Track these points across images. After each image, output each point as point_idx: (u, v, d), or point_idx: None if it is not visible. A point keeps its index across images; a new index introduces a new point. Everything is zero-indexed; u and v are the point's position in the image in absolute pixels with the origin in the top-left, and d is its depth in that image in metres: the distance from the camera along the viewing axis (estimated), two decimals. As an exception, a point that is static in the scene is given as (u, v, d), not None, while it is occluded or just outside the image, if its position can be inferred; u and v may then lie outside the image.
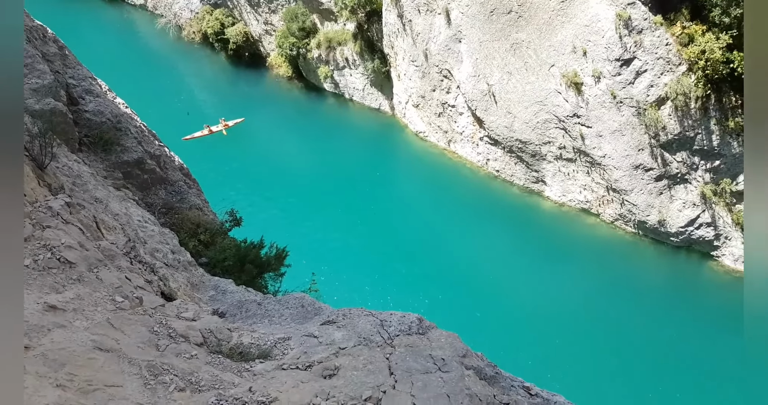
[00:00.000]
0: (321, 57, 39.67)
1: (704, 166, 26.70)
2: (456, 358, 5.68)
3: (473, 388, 5.24)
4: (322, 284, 20.59)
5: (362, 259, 27.68)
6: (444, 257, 27.86)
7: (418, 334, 6.18)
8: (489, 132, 32.44)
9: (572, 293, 26.39)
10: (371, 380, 5.37)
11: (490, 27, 30.04)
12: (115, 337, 5.18)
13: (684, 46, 25.17)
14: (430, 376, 5.48)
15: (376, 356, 5.79)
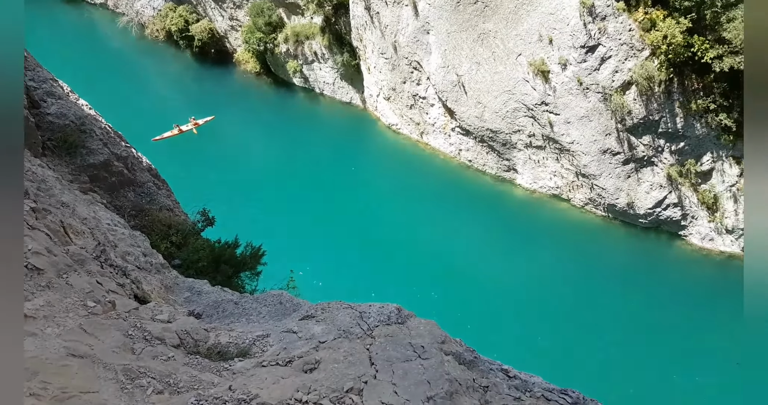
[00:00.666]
0: (289, 51, 39.27)
1: (669, 148, 27.38)
2: (435, 345, 5.74)
3: (453, 373, 5.31)
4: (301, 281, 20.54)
5: (341, 253, 27.69)
6: (421, 247, 28.09)
7: (397, 323, 6.22)
8: (460, 122, 32.65)
9: (547, 277, 26.94)
10: (352, 371, 5.40)
11: (457, 17, 30.15)
12: (88, 342, 5.09)
13: (646, 31, 25.65)
14: (410, 363, 5.54)
15: (356, 348, 5.81)
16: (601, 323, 24.39)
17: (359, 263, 27.05)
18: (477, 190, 32.04)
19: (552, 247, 28.26)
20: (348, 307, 6.61)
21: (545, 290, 26.17)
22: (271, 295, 7.96)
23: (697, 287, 26.34)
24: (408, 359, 5.65)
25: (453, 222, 29.84)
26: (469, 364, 5.82)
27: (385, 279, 26.00)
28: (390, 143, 36.09)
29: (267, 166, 34.02)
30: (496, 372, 6.17)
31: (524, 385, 5.99)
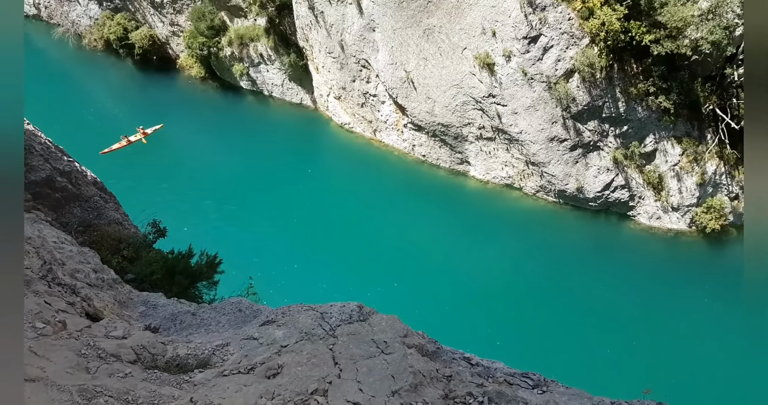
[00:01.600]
0: (234, 55, 38.60)
1: (614, 132, 28.41)
2: (397, 339, 5.80)
3: (416, 365, 5.38)
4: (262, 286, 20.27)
5: (302, 256, 27.47)
6: (381, 244, 28.21)
7: (359, 321, 6.25)
8: (412, 118, 32.89)
9: (504, 264, 27.61)
10: (316, 373, 5.40)
11: (401, 14, 30.32)
12: (39, 365, 4.90)
13: (585, 19, 26.44)
14: (374, 360, 5.58)
15: (319, 349, 5.82)
16: (559, 305, 25.18)
17: (321, 264, 26.93)
18: (432, 184, 32.41)
19: (507, 235, 28.95)
20: (309, 309, 6.59)
21: (504, 277, 26.81)
22: (230, 303, 7.84)
23: (648, 264, 27.52)
24: (371, 356, 5.70)
25: (411, 217, 30.09)
26: (432, 355, 5.92)
27: (348, 278, 25.99)
28: (344, 143, 36.02)
29: (220, 172, 33.35)
30: (458, 361, 6.29)
31: (486, 371, 6.13)
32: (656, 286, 26.01)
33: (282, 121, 37.93)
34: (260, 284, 22.03)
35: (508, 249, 28.31)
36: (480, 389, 5.19)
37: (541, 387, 5.68)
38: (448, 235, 29.21)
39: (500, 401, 4.93)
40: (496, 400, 4.94)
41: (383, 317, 6.32)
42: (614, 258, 27.71)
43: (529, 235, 28.88)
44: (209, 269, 11.47)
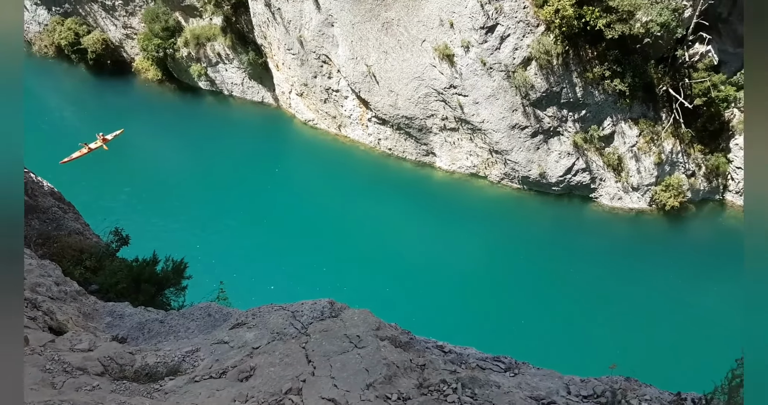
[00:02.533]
0: (191, 55, 37.82)
1: (572, 117, 28.99)
2: (370, 332, 5.82)
3: (389, 356, 5.42)
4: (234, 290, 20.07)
5: (273, 257, 27.22)
6: (352, 239, 28.19)
7: (331, 317, 6.24)
8: (376, 112, 32.87)
9: (473, 252, 28.00)
10: (290, 372, 5.38)
11: (359, 8, 30.19)
12: (0, 385, 4.73)
13: (539, 7, 26.81)
14: (347, 355, 5.59)
15: (291, 348, 5.79)
16: (528, 289, 25.69)
17: (294, 263, 26.74)
18: (400, 177, 32.53)
19: (475, 223, 29.35)
20: (280, 309, 6.55)
21: (473, 264, 27.18)
22: (198, 308, 7.73)
23: (612, 244, 28.30)
24: (345, 351, 5.70)
25: (380, 211, 30.14)
26: (405, 345, 5.96)
27: (322, 275, 25.89)
28: (309, 139, 35.76)
29: (184, 175, 32.70)
30: (432, 349, 6.35)
31: (459, 357, 6.21)
32: (621, 265, 26.81)
33: (244, 121, 37.41)
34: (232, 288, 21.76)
35: (477, 237, 28.72)
36: (453, 376, 5.26)
37: (513, 369, 5.80)
38: (418, 226, 29.41)
39: (473, 386, 5.01)
40: (470, 385, 5.02)
41: (355, 312, 6.33)
42: (579, 240, 28.42)
43: (496, 222, 29.35)
44: (176, 275, 11.24)
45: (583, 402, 5.06)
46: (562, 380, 5.46)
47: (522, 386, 5.31)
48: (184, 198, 30.78)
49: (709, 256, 27.26)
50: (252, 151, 34.84)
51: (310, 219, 29.63)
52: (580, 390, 5.24)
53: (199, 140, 35.27)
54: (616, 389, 5.13)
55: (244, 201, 30.71)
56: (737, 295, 25.09)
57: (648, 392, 5.27)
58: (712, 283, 25.69)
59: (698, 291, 25.34)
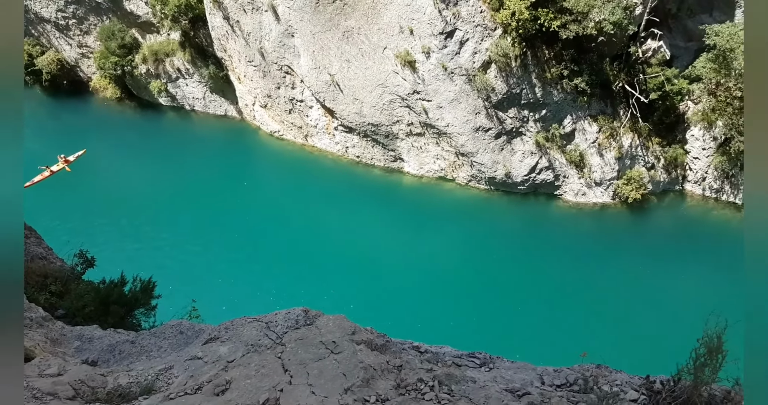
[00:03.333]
0: (150, 72, 37.26)
1: (533, 117, 29.63)
2: (346, 337, 5.85)
3: (366, 360, 5.45)
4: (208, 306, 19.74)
5: (246, 270, 26.89)
6: (324, 247, 28.09)
7: (306, 325, 6.23)
8: (342, 121, 32.94)
9: (444, 253, 28.33)
10: (266, 383, 5.36)
11: (319, 18, 30.29)
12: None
13: (496, 11, 27.38)
14: (324, 361, 5.60)
15: (267, 359, 5.76)
16: (499, 286, 26.09)
17: (268, 275, 26.48)
18: (369, 184, 32.64)
19: (445, 225, 29.73)
20: (253, 321, 6.50)
21: (445, 266, 27.47)
22: (170, 326, 7.60)
23: (579, 238, 28.97)
24: (321, 357, 5.71)
25: (352, 218, 30.16)
26: (381, 348, 6.00)
27: (296, 285, 25.72)
28: (276, 151, 35.56)
29: (150, 194, 32.04)
30: (408, 350, 6.41)
31: (435, 356, 6.28)
32: (588, 258, 27.50)
33: (209, 135, 36.99)
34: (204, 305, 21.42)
35: (447, 238, 29.08)
36: (430, 374, 5.33)
37: (488, 364, 5.90)
38: (389, 231, 29.55)
39: (450, 382, 5.08)
40: (446, 382, 5.09)
41: (330, 318, 6.34)
42: (547, 236, 29.06)
43: (466, 223, 29.75)
44: (145, 295, 11.00)
45: (557, 391, 5.19)
46: (536, 371, 5.58)
47: (497, 380, 5.40)
48: (150, 217, 30.17)
49: (672, 244, 28.18)
50: (218, 165, 34.44)
51: (282, 230, 29.45)
52: (554, 380, 5.37)
53: (163, 158, 34.69)
54: (588, 377, 5.27)
55: (213, 217, 30.29)
56: (699, 279, 26.07)
57: (618, 378, 5.43)
58: (676, 270, 26.57)
59: (663, 278, 26.18)
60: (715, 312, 4.85)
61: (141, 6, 36.61)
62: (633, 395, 5.05)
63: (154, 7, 34.50)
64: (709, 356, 4.71)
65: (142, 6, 36.55)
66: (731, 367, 4.91)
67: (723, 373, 5.09)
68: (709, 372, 4.80)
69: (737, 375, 4.87)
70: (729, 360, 4.90)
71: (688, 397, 4.83)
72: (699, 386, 4.83)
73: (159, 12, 34.31)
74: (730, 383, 4.87)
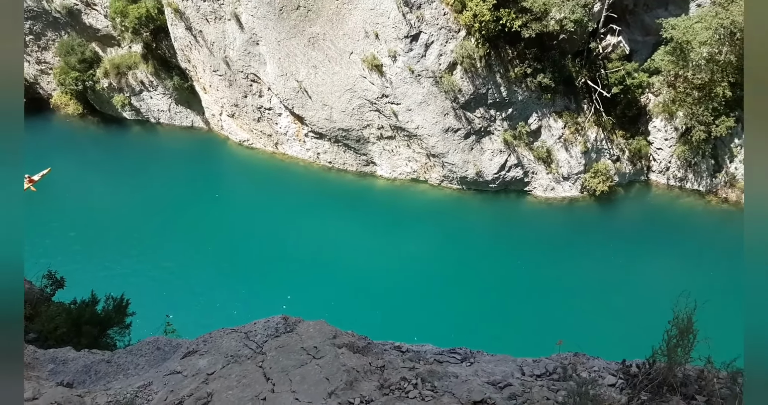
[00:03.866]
0: (112, 86, 36.56)
1: (500, 116, 30.07)
2: (327, 341, 5.84)
3: (348, 362, 5.45)
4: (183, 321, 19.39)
5: (221, 282, 26.50)
6: (301, 254, 27.91)
7: (286, 333, 6.20)
8: (312, 127, 32.85)
9: (420, 253, 28.38)
10: (248, 393, 5.31)
11: (283, 25, 30.19)
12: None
13: (459, 12, 27.75)
14: (306, 367, 5.58)
15: (248, 368, 5.71)
16: (476, 282, 26.35)
17: (246, 286, 26.15)
18: (343, 189, 32.61)
19: (420, 226, 29.98)
20: (232, 332, 6.44)
21: (422, 265, 27.62)
22: (146, 343, 7.46)
23: (550, 232, 29.52)
24: (303, 363, 5.69)
25: (327, 224, 30.05)
26: (363, 350, 6.00)
27: (274, 294, 25.46)
28: (246, 160, 35.23)
29: (119, 210, 31.30)
30: (390, 351, 6.42)
31: (417, 355, 6.31)
32: (560, 250, 28.06)
33: (176, 148, 36.41)
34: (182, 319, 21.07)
35: (422, 239, 29.32)
36: (412, 372, 5.36)
37: (469, 359, 5.96)
38: (365, 235, 29.56)
39: (432, 379, 5.12)
40: (429, 378, 5.13)
41: (310, 323, 6.32)
42: (519, 231, 29.58)
43: (440, 223, 30.06)
44: (118, 314, 10.74)
45: (537, 380, 5.28)
46: (516, 363, 5.67)
47: (479, 373, 5.47)
48: (121, 234, 29.47)
49: (641, 232, 28.96)
50: (188, 178, 33.89)
51: (256, 240, 29.15)
52: (534, 370, 5.46)
53: (130, 173, 33.96)
54: (567, 365, 5.38)
55: (185, 230, 29.78)
56: (668, 264, 26.83)
57: (596, 364, 5.55)
58: (646, 257, 27.27)
59: (634, 265, 26.85)
60: (684, 293, 5.01)
61: (100, 19, 35.95)
62: (611, 380, 5.18)
63: (114, 20, 33.90)
64: (681, 337, 4.87)
65: (101, 19, 35.89)
66: (702, 347, 5.08)
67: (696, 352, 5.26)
68: (681, 352, 4.95)
69: (709, 353, 5.04)
70: (700, 339, 5.07)
71: (664, 378, 4.97)
72: (673, 367, 4.98)
73: (119, 25, 33.74)
74: (703, 362, 5.03)
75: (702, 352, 5.26)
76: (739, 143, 29.83)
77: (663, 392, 4.87)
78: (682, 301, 4.93)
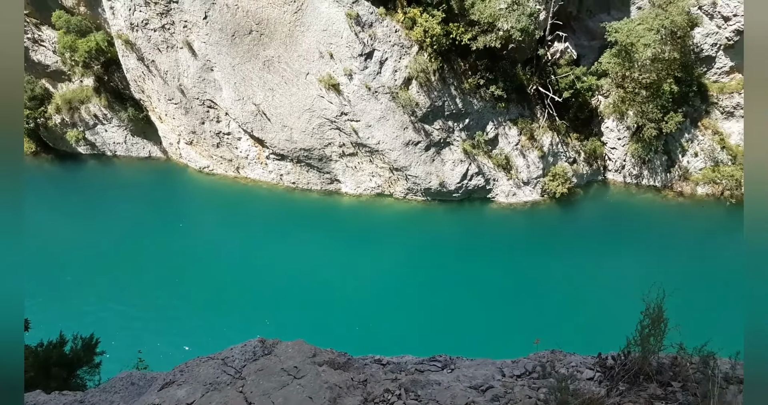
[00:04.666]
0: (65, 121, 35.65)
1: (458, 126, 30.63)
2: (307, 360, 5.79)
3: (330, 379, 5.42)
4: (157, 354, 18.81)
5: (194, 312, 25.86)
6: (271, 277, 27.54)
7: (264, 355, 6.12)
8: (273, 149, 32.70)
9: (389, 266, 28.50)
10: (231, 419, 5.21)
11: (237, 50, 30.15)
12: None
13: (409, 29, 28.30)
14: (288, 388, 5.52)
15: (229, 395, 5.61)
16: (448, 291, 26.39)
17: (218, 314, 25.58)
18: (308, 209, 32.48)
19: (387, 240, 30.05)
20: (208, 359, 6.31)
21: (393, 278, 27.70)
22: (119, 379, 7.21)
23: (514, 236, 30.08)
24: (284, 384, 5.62)
25: (295, 244, 29.79)
26: (344, 366, 5.97)
27: (248, 319, 25.01)
28: (208, 187, 34.71)
29: (81, 248, 30.26)
30: (371, 365, 6.41)
31: (398, 366, 6.32)
32: (526, 252, 28.59)
33: (135, 180, 35.61)
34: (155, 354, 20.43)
35: (392, 252, 29.43)
36: (395, 383, 5.37)
37: (449, 366, 6.00)
38: (335, 253, 29.44)
39: (416, 388, 5.14)
40: (412, 388, 5.14)
41: (289, 344, 6.26)
42: (484, 238, 30.07)
43: (407, 235, 30.29)
44: (87, 353, 10.40)
45: (518, 380, 5.36)
46: (495, 365, 5.74)
47: (460, 379, 5.51)
48: (86, 271, 28.44)
49: (602, 230, 29.83)
50: (150, 209, 33.10)
51: (225, 267, 28.62)
52: (513, 370, 5.54)
53: (89, 208, 32.96)
54: (545, 363, 5.48)
55: (151, 263, 28.98)
56: (633, 257, 27.65)
57: (573, 360, 5.68)
58: (610, 253, 28.02)
59: (600, 261, 27.54)
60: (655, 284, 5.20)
61: (49, 55, 35.17)
62: (588, 374, 5.30)
63: (63, 55, 33.21)
64: (653, 326, 5.03)
65: (50, 55, 35.12)
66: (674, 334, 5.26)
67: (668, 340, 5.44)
68: (654, 341, 5.12)
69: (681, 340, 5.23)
70: (671, 327, 5.25)
71: (639, 368, 5.12)
72: (648, 356, 5.14)
73: (69, 59, 33.08)
74: (675, 349, 5.20)
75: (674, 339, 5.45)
76: (689, 138, 31.16)
77: (640, 381, 5.01)
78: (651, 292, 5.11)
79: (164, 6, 30.27)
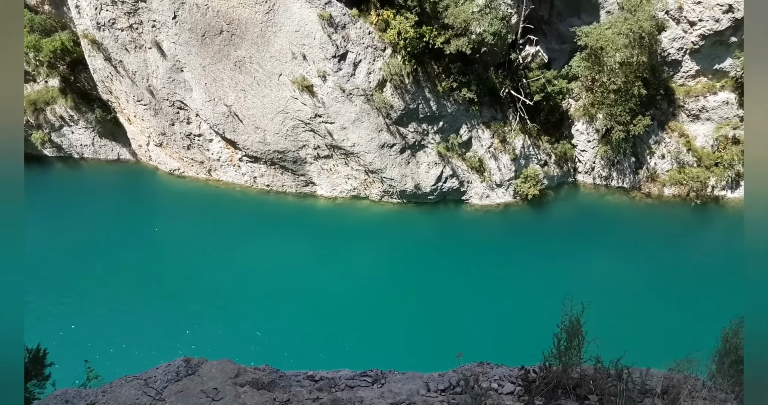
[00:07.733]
0: (30, 123, 34.87)
1: (432, 129, 30.64)
2: (228, 382, 5.68)
3: (249, 402, 5.32)
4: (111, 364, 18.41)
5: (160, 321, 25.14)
6: (243, 283, 27.01)
7: (187, 376, 5.99)
8: (245, 151, 32.37)
9: (361, 270, 28.09)
10: (145, 441, 5.07)
11: (207, 50, 29.78)
12: None
13: (383, 31, 28.20)
14: (206, 410, 5.39)
15: (147, 416, 5.47)
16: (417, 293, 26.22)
17: (183, 324, 24.94)
18: (283, 212, 32.15)
19: (363, 242, 29.83)
20: (133, 379, 6.17)
21: (365, 282, 27.27)
22: (54, 396, 7.02)
23: (486, 237, 30.17)
24: (204, 406, 5.49)
25: (268, 249, 29.39)
26: (268, 385, 5.87)
27: (215, 329, 24.47)
28: (179, 190, 34.15)
29: (43, 256, 29.20)
30: (301, 381, 6.31)
31: (330, 382, 6.23)
32: (494, 255, 28.60)
33: (104, 183, 34.88)
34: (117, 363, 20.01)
35: (364, 256, 29.13)
36: (316, 403, 5.28)
37: (380, 380, 5.93)
38: (309, 257, 29.09)
39: (332, 408, 5.05)
40: (329, 408, 5.05)
41: (213, 364, 6.14)
42: (457, 240, 30.08)
43: (381, 238, 30.11)
44: (35, 365, 10.08)
45: (441, 395, 5.30)
46: (422, 379, 5.69)
47: (385, 395, 5.44)
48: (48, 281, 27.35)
49: (570, 232, 30.06)
50: (119, 214, 32.32)
51: (197, 274, 27.95)
52: (438, 385, 5.49)
53: (55, 214, 32.03)
54: (469, 376, 5.44)
55: (118, 271, 28.07)
56: (599, 259, 27.81)
57: (498, 372, 5.64)
58: (578, 255, 28.07)
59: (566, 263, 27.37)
60: (569, 295, 5.17)
61: (12, 53, 34.27)
62: (509, 388, 5.27)
63: (27, 54, 32.47)
64: (569, 340, 5.02)
65: (13, 53, 34.22)
66: (592, 348, 5.25)
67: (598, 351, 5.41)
68: (573, 354, 5.11)
69: (598, 353, 5.21)
70: (589, 339, 5.23)
71: (559, 381, 5.10)
72: (567, 369, 5.13)
73: (33, 59, 32.37)
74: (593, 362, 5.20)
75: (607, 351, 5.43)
76: (656, 140, 31.60)
77: (558, 395, 5.00)
78: (568, 304, 5.09)
79: (132, 5, 29.77)
